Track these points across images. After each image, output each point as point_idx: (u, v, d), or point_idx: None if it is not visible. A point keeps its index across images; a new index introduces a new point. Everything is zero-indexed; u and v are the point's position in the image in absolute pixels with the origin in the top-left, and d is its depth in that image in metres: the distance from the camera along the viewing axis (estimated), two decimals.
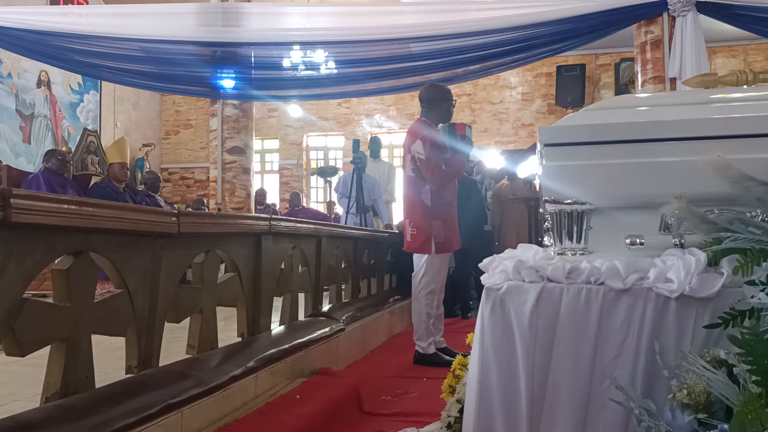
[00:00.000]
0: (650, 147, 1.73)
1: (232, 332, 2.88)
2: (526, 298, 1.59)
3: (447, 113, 4.00)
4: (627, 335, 1.51)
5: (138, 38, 7.25)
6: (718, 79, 2.05)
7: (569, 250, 1.71)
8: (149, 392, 1.92)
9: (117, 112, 12.32)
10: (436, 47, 7.13)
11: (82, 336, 1.81)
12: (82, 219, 1.76)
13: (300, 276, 3.52)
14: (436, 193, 3.87)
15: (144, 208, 2.24)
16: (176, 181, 13.76)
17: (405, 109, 12.48)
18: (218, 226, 2.58)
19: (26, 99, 10.11)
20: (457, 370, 2.25)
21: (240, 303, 2.82)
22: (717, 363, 1.33)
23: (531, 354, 1.57)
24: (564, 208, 1.72)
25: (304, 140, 13.49)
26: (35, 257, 1.64)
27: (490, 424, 1.59)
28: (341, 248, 4.34)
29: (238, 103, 8.46)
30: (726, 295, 1.46)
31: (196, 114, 13.56)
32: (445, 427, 2.06)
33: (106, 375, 1.99)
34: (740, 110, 1.79)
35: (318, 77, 7.87)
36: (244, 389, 2.43)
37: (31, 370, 2.14)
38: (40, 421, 1.56)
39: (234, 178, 8.51)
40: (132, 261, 2.04)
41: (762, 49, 11.01)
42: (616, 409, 1.45)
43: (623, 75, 11.42)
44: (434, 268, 3.92)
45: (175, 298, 2.27)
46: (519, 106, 12.34)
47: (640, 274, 1.54)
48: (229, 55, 7.65)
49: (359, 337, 4.13)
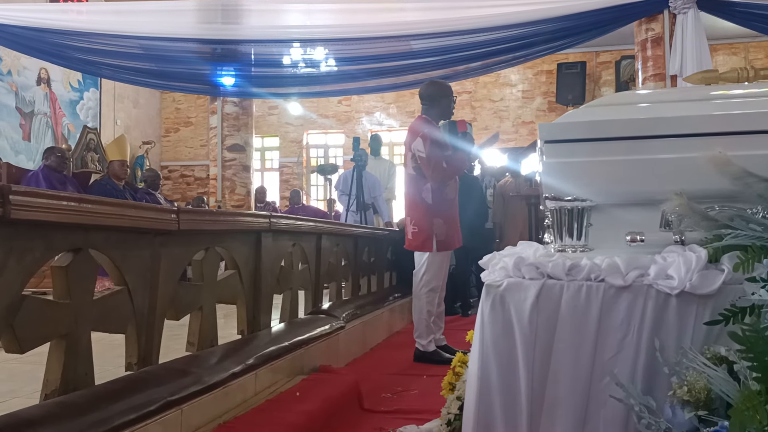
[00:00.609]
0: (651, 144, 1.73)
1: (232, 330, 2.88)
2: (527, 295, 1.59)
3: (448, 110, 4.00)
4: (627, 332, 1.51)
5: (137, 35, 7.24)
6: (719, 75, 2.04)
7: (569, 247, 1.71)
8: (149, 389, 1.92)
9: (117, 110, 12.31)
10: (436, 44, 7.12)
11: (82, 333, 1.81)
12: (82, 216, 1.75)
13: (300, 273, 3.51)
14: (438, 191, 3.87)
15: (143, 205, 2.24)
16: (176, 179, 13.75)
17: (405, 106, 12.46)
18: (218, 224, 2.58)
19: (26, 96, 10.10)
20: (457, 367, 2.25)
21: (240, 300, 2.82)
22: (717, 360, 1.33)
23: (531, 351, 1.56)
24: (564, 205, 1.71)
25: (305, 138, 13.49)
26: (35, 254, 1.64)
27: (490, 421, 1.59)
28: (341, 246, 4.33)
29: (238, 100, 8.45)
30: (726, 292, 1.46)
31: (197, 111, 13.54)
32: (445, 424, 2.06)
33: (106, 372, 1.99)
34: (741, 107, 1.79)
35: (318, 75, 7.86)
36: (243, 387, 2.42)
37: (30, 368, 2.14)
38: (40, 418, 1.56)
39: (234, 175, 8.51)
40: (132, 258, 2.03)
41: (763, 46, 10.99)
42: (617, 405, 1.45)
43: (624, 72, 11.41)
44: (435, 266, 3.92)
45: (175, 296, 2.26)
46: (519, 104, 12.33)
47: (640, 271, 1.53)
48: (229, 53, 7.64)
49: (359, 334, 4.13)
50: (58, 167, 6.28)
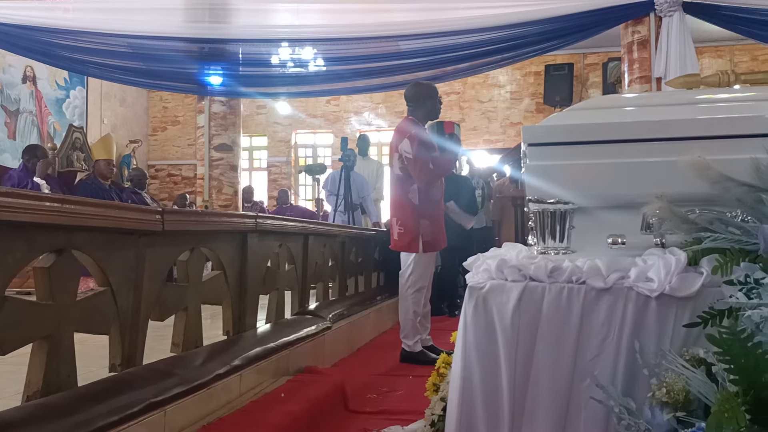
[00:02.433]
0: (633, 147, 1.74)
1: (217, 330, 2.87)
2: (509, 296, 1.60)
3: (433, 110, 4.00)
4: (608, 334, 1.52)
5: (125, 34, 7.21)
6: (700, 80, 2.06)
7: (552, 249, 1.72)
8: (132, 391, 1.91)
9: (103, 109, 12.22)
10: (425, 45, 7.14)
11: (65, 334, 1.80)
12: (65, 217, 1.74)
13: (286, 274, 3.51)
14: (424, 192, 3.88)
15: (127, 206, 2.23)
16: (163, 178, 13.68)
17: (394, 107, 12.47)
18: (203, 224, 2.57)
19: (11, 94, 10.01)
20: (441, 368, 2.25)
21: (225, 301, 2.81)
22: (696, 362, 1.34)
23: (513, 352, 1.57)
24: (547, 207, 1.72)
25: (293, 137, 13.46)
26: (16, 255, 1.63)
27: (472, 422, 1.60)
28: (328, 246, 4.33)
29: (226, 99, 8.43)
30: (705, 294, 1.48)
31: (184, 111, 13.48)
32: (428, 425, 2.07)
33: (90, 373, 1.98)
34: (722, 111, 1.81)
35: (307, 74, 7.86)
36: (228, 388, 2.42)
37: (12, 369, 2.13)
38: (21, 419, 1.55)
39: (221, 175, 8.48)
40: (115, 259, 2.02)
41: (748, 49, 11.10)
42: (597, 407, 1.46)
43: (611, 74, 11.49)
44: (421, 267, 3.93)
45: (160, 296, 2.26)
46: (507, 105, 12.38)
47: (621, 274, 1.55)
48: (217, 52, 7.63)
49: (346, 335, 4.13)
50: (32, 168, 6.22)
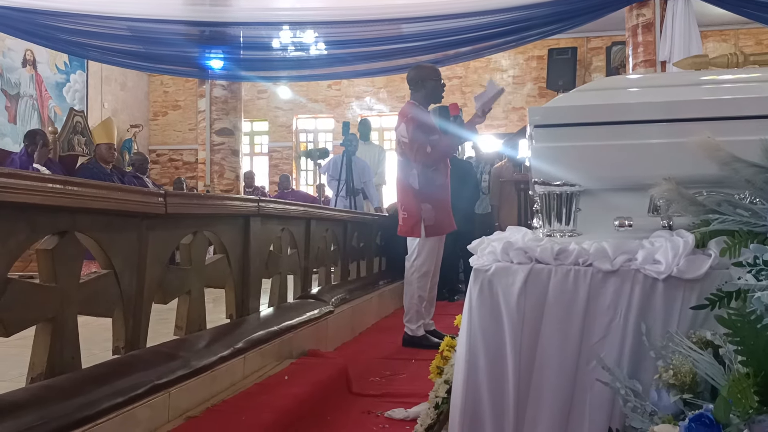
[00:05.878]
0: (640, 128, 1.72)
1: (220, 314, 2.87)
2: (515, 279, 1.58)
3: (435, 93, 3.96)
4: (614, 316, 1.51)
5: (125, 17, 7.15)
6: (708, 61, 2.04)
7: (558, 232, 1.71)
8: (136, 373, 1.92)
9: (104, 93, 12.17)
10: (427, 28, 7.09)
11: (68, 316, 1.80)
12: (67, 198, 1.73)
13: (289, 258, 3.51)
14: (424, 176, 3.85)
15: (130, 188, 2.22)
16: (164, 163, 13.66)
17: (395, 91, 12.41)
18: (205, 207, 2.56)
19: (11, 78, 9.97)
20: (445, 351, 2.25)
21: (228, 284, 2.81)
22: (703, 344, 1.34)
23: (518, 335, 1.56)
24: (553, 189, 1.71)
25: (294, 122, 13.41)
26: (19, 237, 1.62)
27: (477, 405, 1.60)
28: (330, 231, 4.33)
29: (227, 84, 8.39)
30: (713, 276, 1.46)
31: (185, 95, 13.42)
32: (432, 407, 2.07)
33: (93, 356, 1.98)
34: (730, 92, 1.78)
35: (308, 58, 7.81)
36: (232, 370, 2.42)
37: (16, 351, 2.13)
38: (25, 401, 1.55)
39: (223, 159, 8.46)
40: (118, 241, 2.02)
41: (753, 33, 11.02)
42: (603, 389, 1.46)
43: (614, 58, 11.41)
44: (426, 251, 3.91)
45: (163, 279, 2.25)
46: (510, 89, 12.29)
47: (628, 256, 1.53)
48: (218, 35, 7.58)
49: (348, 319, 4.13)
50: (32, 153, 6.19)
